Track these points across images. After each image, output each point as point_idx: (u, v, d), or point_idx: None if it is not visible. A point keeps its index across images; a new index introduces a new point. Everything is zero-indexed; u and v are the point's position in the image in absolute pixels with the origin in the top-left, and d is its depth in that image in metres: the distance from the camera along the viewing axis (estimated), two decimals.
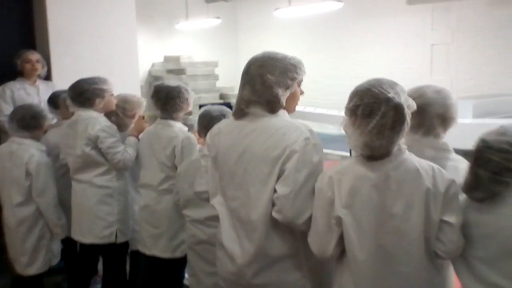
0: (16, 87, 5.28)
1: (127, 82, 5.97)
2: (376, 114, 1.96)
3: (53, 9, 5.49)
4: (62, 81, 5.14)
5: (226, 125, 2.42)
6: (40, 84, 5.38)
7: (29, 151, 3.84)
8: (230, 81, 12.45)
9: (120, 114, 4.03)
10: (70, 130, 3.86)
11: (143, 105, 4.20)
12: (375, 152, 1.99)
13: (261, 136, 2.22)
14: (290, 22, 11.13)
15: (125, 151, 3.72)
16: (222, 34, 12.45)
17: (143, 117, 4.07)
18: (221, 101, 11.28)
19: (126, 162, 3.74)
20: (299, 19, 10.58)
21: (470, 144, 2.04)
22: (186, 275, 3.71)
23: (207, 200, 2.50)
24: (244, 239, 2.26)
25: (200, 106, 9.67)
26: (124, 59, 5.95)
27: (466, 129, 2.56)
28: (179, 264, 3.79)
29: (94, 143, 3.69)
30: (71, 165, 3.90)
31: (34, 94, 5.30)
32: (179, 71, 11.31)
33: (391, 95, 2.01)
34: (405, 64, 9.89)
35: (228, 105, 9.50)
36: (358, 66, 10.28)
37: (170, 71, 11.52)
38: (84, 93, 3.77)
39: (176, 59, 11.39)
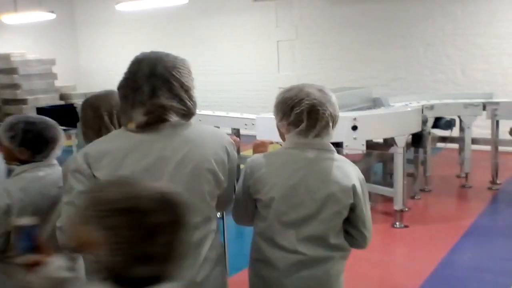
0: None
1: None
2: None
3: None
4: None
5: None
6: None
7: None
8: (70, 80, 11.20)
9: None
10: None
11: None
12: None
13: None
14: (133, 17, 10.11)
15: None
16: (58, 30, 10.97)
17: None
18: (62, 102, 10.01)
19: None
20: (143, 14, 9.65)
21: None
22: None
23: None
24: None
25: (38, 109, 8.49)
26: None
27: None
28: None
29: None
30: None
31: None
32: (11, 71, 9.67)
33: None
34: (255, 61, 9.51)
35: (71, 107, 8.46)
36: (208, 63, 9.76)
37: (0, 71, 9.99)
38: None
39: (6, 57, 9.76)
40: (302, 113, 1.85)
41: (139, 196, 1.14)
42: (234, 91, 9.80)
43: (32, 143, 2.16)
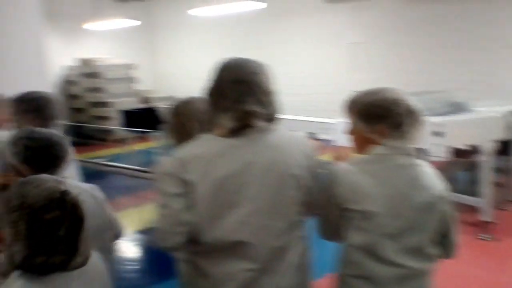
0: None
1: (33, 87, 4.98)
2: None
3: None
4: None
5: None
6: None
7: None
8: (149, 83, 11.55)
9: None
10: None
11: None
12: None
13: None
14: (207, 21, 10.30)
15: None
16: (138, 35, 11.41)
17: None
18: (143, 105, 10.34)
19: None
20: (218, 18, 9.80)
21: None
22: None
23: None
24: None
25: (125, 112, 8.52)
26: (29, 62, 4.94)
27: None
28: None
29: None
30: None
31: None
32: (95, 75, 10.21)
33: None
34: (327, 63, 9.39)
35: (152, 110, 8.65)
36: (282, 66, 9.77)
37: (85, 75, 10.43)
38: None
39: (90, 62, 10.26)
40: (402, 115, 1.76)
41: (29, 194, 1.36)
42: (306, 94, 9.73)
43: (33, 161, 1.95)
